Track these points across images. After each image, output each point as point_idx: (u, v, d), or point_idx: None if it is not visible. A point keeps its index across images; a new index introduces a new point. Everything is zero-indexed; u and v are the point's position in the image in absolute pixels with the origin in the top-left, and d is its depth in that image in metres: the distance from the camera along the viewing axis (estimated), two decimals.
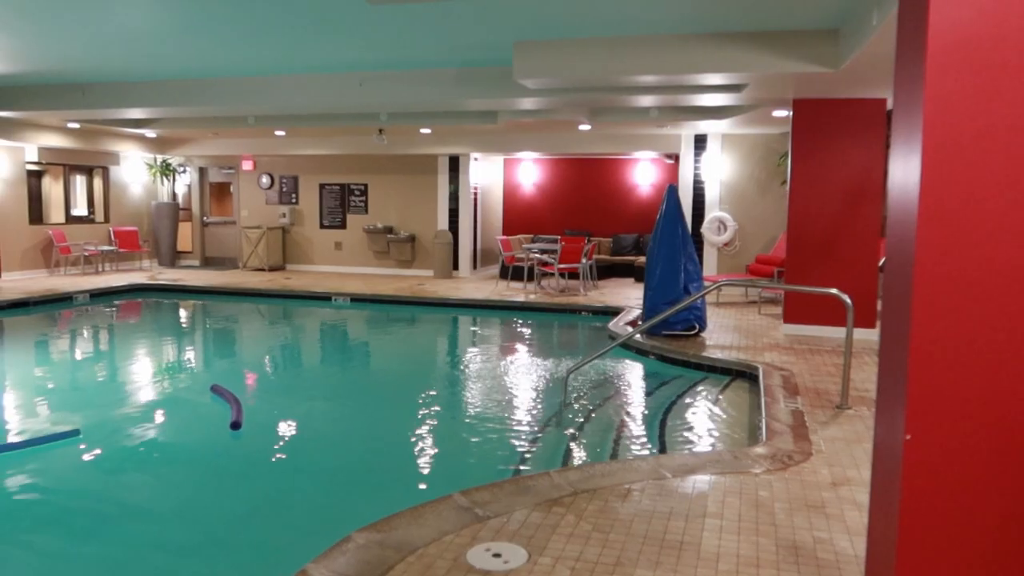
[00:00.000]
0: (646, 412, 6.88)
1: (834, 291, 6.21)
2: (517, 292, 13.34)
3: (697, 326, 9.04)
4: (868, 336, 8.68)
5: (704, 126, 13.08)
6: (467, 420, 6.49)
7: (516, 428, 6.30)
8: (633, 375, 8.28)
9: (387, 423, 6.53)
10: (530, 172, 17.77)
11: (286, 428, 6.44)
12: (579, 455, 5.66)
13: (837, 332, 8.81)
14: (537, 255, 13.69)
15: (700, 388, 7.40)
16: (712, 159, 13.84)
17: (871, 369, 7.33)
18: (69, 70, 10.19)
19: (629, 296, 12.82)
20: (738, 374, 7.52)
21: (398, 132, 14.65)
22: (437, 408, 7.08)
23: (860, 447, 5.01)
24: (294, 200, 17.26)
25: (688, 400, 7.06)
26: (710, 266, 13.51)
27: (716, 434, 6.10)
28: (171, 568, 3.94)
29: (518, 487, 4.09)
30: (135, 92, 11.06)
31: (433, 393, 7.75)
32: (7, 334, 10.91)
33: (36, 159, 14.94)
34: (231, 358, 9.86)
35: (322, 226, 17.08)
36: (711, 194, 13.94)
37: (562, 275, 13.61)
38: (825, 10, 6.55)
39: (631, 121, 12.15)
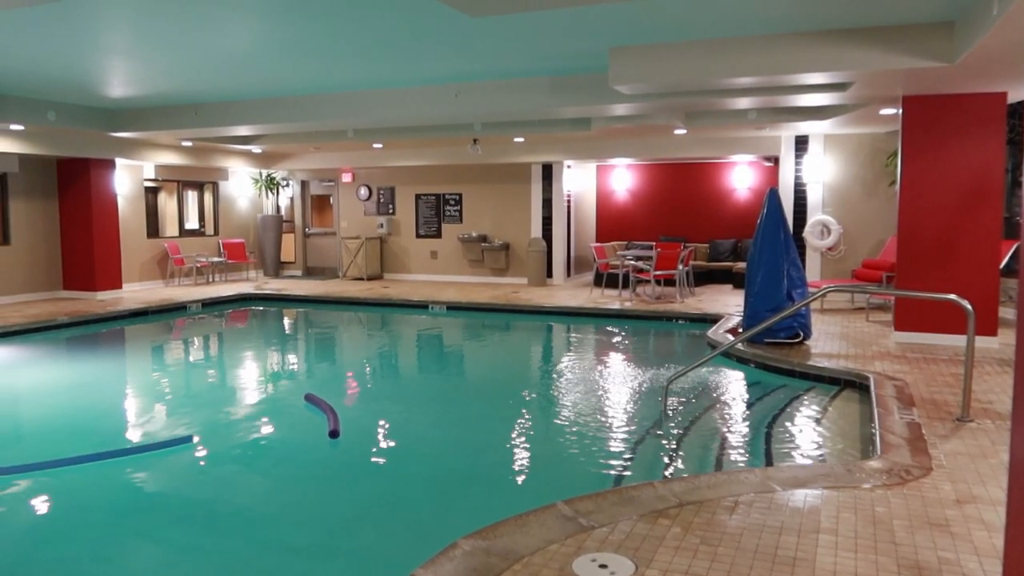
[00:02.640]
0: (749, 422, 6.69)
1: (953, 297, 5.89)
2: (612, 299, 13.23)
3: (802, 334, 8.76)
4: (988, 344, 8.21)
5: (805, 127, 12.68)
6: (564, 428, 6.46)
7: (614, 437, 6.23)
8: (734, 384, 8.08)
9: (484, 431, 6.56)
10: (623, 178, 17.63)
11: (385, 435, 6.56)
12: (681, 466, 5.55)
13: (951, 340, 8.37)
14: (632, 262, 13.55)
15: (806, 398, 7.15)
16: (814, 161, 13.41)
17: (993, 379, 6.92)
18: (183, 92, 10.73)
19: (727, 303, 12.54)
20: (847, 384, 7.24)
21: (492, 142, 14.79)
22: (534, 416, 7.07)
23: (986, 462, 4.73)
24: (391, 211, 17.65)
25: (794, 410, 6.83)
26: (813, 271, 13.06)
27: (825, 446, 5.87)
28: (283, 567, 4.07)
29: (621, 497, 4.03)
30: (243, 110, 11.55)
31: (529, 401, 7.76)
32: (128, 342, 11.55)
33: (153, 176, 15.79)
34: (332, 365, 10.13)
35: (418, 235, 17.40)
36: (813, 197, 13.49)
37: (658, 282, 13.43)
38: (938, 2, 6.24)
39: (728, 124, 11.90)
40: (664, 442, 6.10)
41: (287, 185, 18.71)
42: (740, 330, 9.57)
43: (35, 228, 13.93)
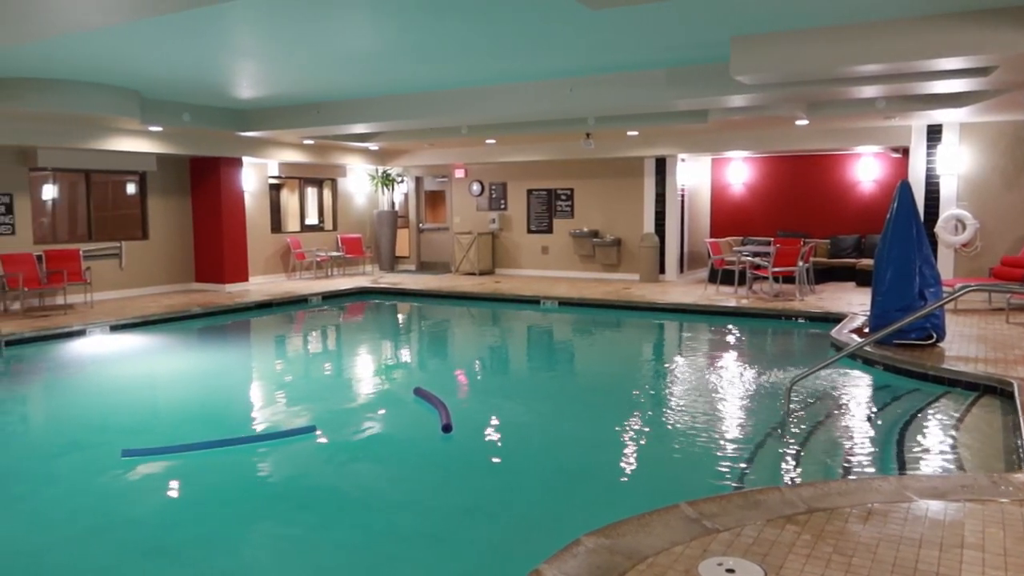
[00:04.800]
0: (879, 428, 6.36)
1: None
2: (727, 297, 12.89)
3: (935, 335, 8.27)
4: None
5: (938, 115, 11.97)
6: (681, 427, 6.33)
7: (733, 438, 6.06)
8: (861, 387, 7.71)
9: (598, 428, 6.50)
10: (740, 171, 17.14)
11: (497, 430, 6.59)
12: (806, 470, 5.33)
13: None
14: (749, 258, 13.16)
15: (940, 404, 6.74)
16: (948, 151, 12.64)
17: None
18: (306, 92, 11.14)
19: (851, 301, 12.00)
20: (987, 390, 6.78)
21: (604, 136, 14.67)
22: (648, 414, 6.96)
23: None
24: (503, 206, 17.78)
25: (927, 417, 6.46)
26: (946, 269, 12.32)
27: (964, 457, 5.51)
28: (402, 555, 4.15)
29: (747, 501, 3.91)
30: (362, 108, 11.89)
31: (643, 398, 7.64)
32: (254, 332, 12.10)
33: (277, 174, 16.48)
34: (443, 360, 10.28)
35: (529, 231, 17.47)
36: (947, 190, 12.73)
37: (776, 279, 12.99)
38: None
39: (853, 114, 11.38)
40: (787, 445, 5.88)
41: (402, 181, 19.14)
42: (866, 330, 9.12)
43: (170, 224, 14.78)
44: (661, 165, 15.84)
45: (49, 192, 13.32)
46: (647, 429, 6.47)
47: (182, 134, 13.29)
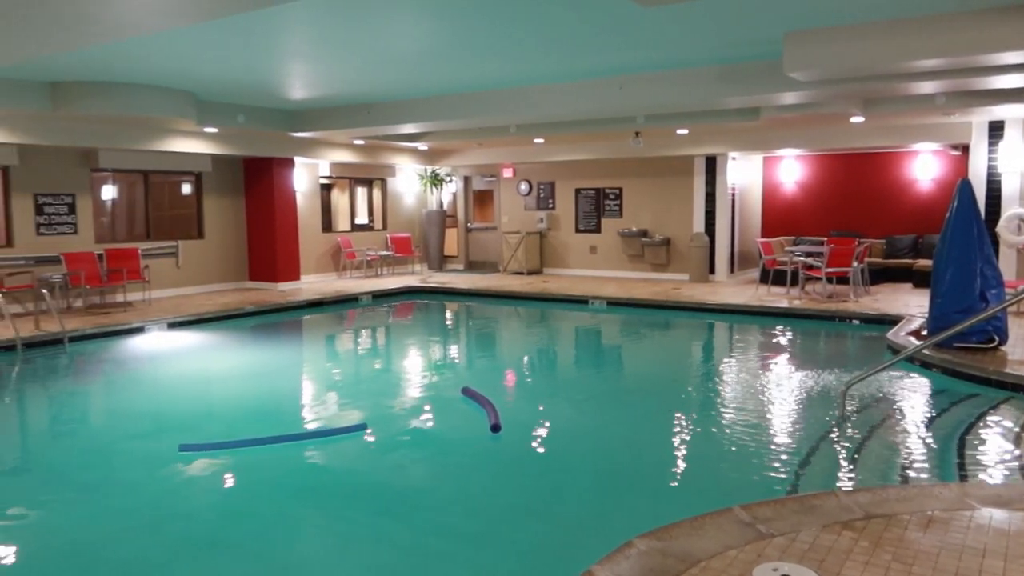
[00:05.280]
0: (938, 433, 6.19)
1: None
2: (779, 297, 12.68)
3: (997, 338, 8.02)
4: None
5: (1001, 111, 11.62)
6: (731, 430, 6.24)
7: (785, 441, 5.96)
8: (919, 391, 7.51)
9: (647, 429, 6.45)
10: (792, 170, 16.84)
11: (545, 430, 6.58)
12: (863, 476, 5.21)
13: None
14: (801, 258, 12.92)
15: (1002, 409, 6.54)
16: (1011, 148, 12.25)
17: None
18: (357, 92, 11.27)
19: (908, 303, 11.70)
20: None
21: (654, 134, 14.55)
22: (698, 416, 6.88)
23: None
24: (551, 205, 17.76)
25: (989, 422, 6.26)
26: (1007, 270, 11.93)
27: None
28: (453, 552, 4.16)
29: (802, 505, 3.84)
30: (412, 108, 11.99)
31: (693, 400, 7.56)
32: (306, 331, 12.29)
33: (328, 174, 16.70)
34: (491, 359, 10.31)
35: (578, 230, 17.41)
36: (1009, 188, 12.34)
37: (829, 280, 12.73)
38: None
39: (911, 110, 11.09)
40: (842, 449, 5.76)
41: (450, 181, 19.24)
42: (925, 333, 8.89)
43: (225, 224, 15.09)
44: (711, 164, 15.65)
45: (109, 192, 13.70)
46: (697, 431, 6.40)
47: (236, 135, 13.55)
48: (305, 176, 16.11)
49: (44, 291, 10.35)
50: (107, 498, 5.04)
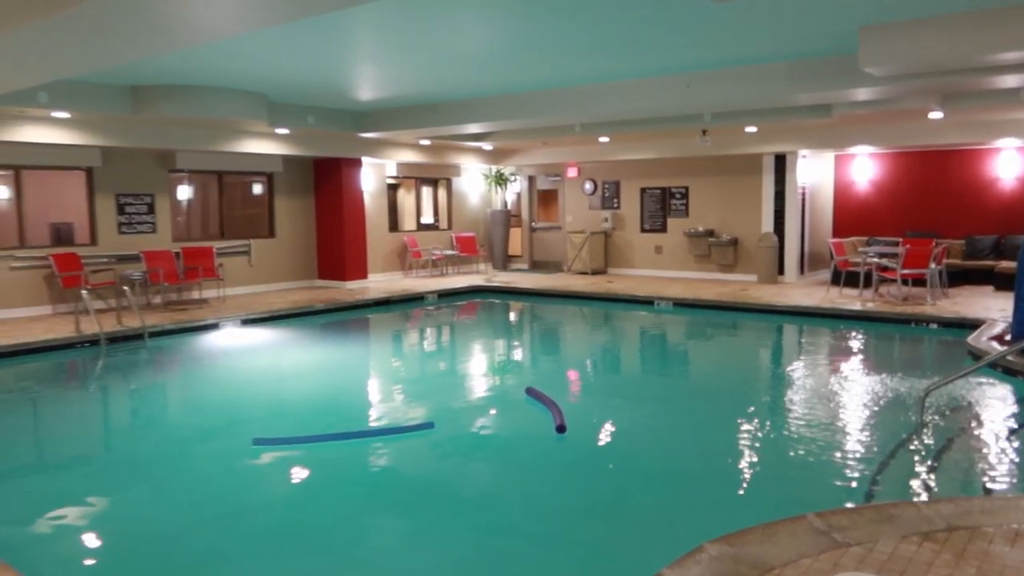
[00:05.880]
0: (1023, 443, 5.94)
1: None
2: (851, 299, 12.34)
3: None
4: None
5: None
6: (801, 435, 6.09)
7: (860, 448, 5.79)
8: (1002, 398, 7.22)
9: (715, 432, 6.35)
10: (865, 168, 16.36)
11: (611, 432, 6.53)
12: (943, 486, 5.03)
13: None
14: (875, 259, 12.55)
15: None
16: None
17: None
18: (423, 93, 11.39)
19: (989, 306, 11.25)
20: None
21: (721, 132, 14.32)
22: (768, 420, 6.74)
23: None
24: (616, 205, 17.64)
25: None
26: None
27: None
28: (519, 552, 4.17)
29: (880, 515, 3.72)
30: (477, 108, 12.05)
31: (762, 404, 7.42)
32: (373, 329, 12.47)
33: (394, 174, 16.92)
34: (556, 360, 10.28)
35: (643, 230, 17.25)
36: None
37: (905, 281, 12.33)
38: None
39: (993, 105, 10.67)
40: (921, 458, 5.57)
41: (515, 180, 19.28)
42: (1008, 338, 8.53)
43: (295, 223, 15.42)
44: (781, 162, 15.31)
45: (184, 192, 14.15)
46: (767, 436, 6.26)
47: (306, 136, 13.83)
48: (372, 176, 16.35)
49: (125, 288, 10.74)
50: (184, 489, 5.20)
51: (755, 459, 5.73)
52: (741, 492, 5.08)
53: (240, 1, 5.10)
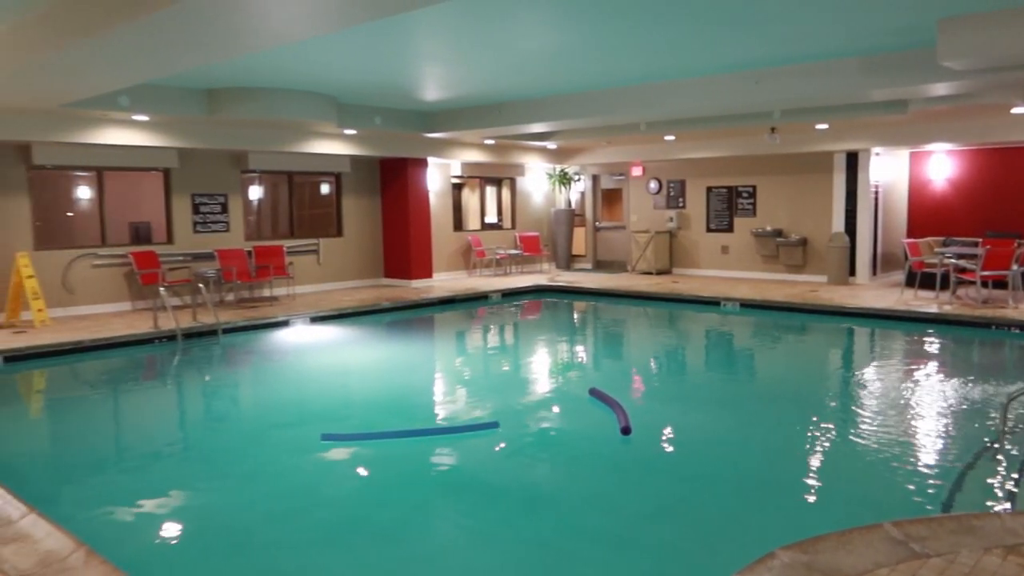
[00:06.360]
0: None
1: None
2: (927, 302, 11.93)
3: None
4: None
5: None
6: (876, 442, 5.92)
7: (936, 456, 5.60)
8: None
9: (784, 436, 6.22)
10: (943, 165, 15.80)
11: (676, 434, 6.46)
12: None
13: None
14: (953, 260, 12.11)
15: None
16: None
17: None
18: (489, 92, 11.44)
19: None
20: None
21: (791, 130, 14.02)
22: (839, 425, 6.56)
23: None
24: (681, 204, 17.43)
25: None
26: None
27: None
28: (585, 554, 4.16)
29: (960, 525, 3.59)
30: (542, 107, 12.05)
31: (833, 409, 7.23)
32: (438, 327, 12.60)
33: (459, 173, 17.04)
34: (619, 360, 10.22)
35: (709, 230, 17.01)
36: None
37: (984, 283, 11.87)
38: None
39: None
40: (1003, 467, 5.36)
41: (579, 179, 19.22)
42: None
43: (362, 222, 15.68)
44: (852, 160, 14.91)
45: (256, 192, 14.53)
46: (838, 441, 6.11)
47: (373, 136, 14.04)
48: (438, 176, 16.51)
49: (200, 285, 11.09)
50: (255, 482, 5.34)
51: (826, 465, 5.59)
52: (812, 498, 4.97)
53: (313, 4, 5.22)
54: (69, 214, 12.75)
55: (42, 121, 10.51)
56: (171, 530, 4.65)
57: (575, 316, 13.74)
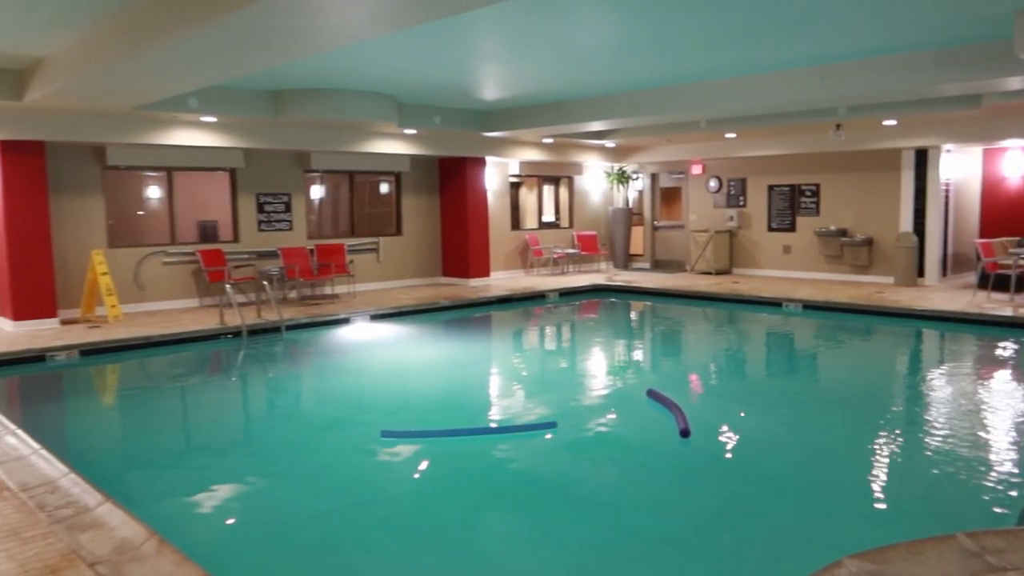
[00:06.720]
0: None
1: None
2: (1001, 305, 11.51)
3: None
4: None
5: None
6: (947, 449, 5.74)
7: (1012, 466, 5.40)
8: None
9: (848, 441, 6.08)
10: (1018, 163, 15.21)
11: (736, 438, 6.35)
12: None
13: None
14: None
15: None
16: None
17: None
18: (547, 91, 11.43)
19: None
20: None
21: (856, 126, 13.67)
22: (906, 432, 6.38)
23: None
24: (741, 203, 17.15)
25: None
26: None
27: None
28: (644, 556, 4.13)
29: None
30: (601, 105, 12.00)
31: (900, 414, 7.04)
32: (495, 326, 12.65)
33: (517, 172, 17.08)
34: (677, 362, 10.10)
35: (770, 229, 16.69)
36: None
37: None
38: None
39: None
40: None
41: (637, 178, 19.07)
42: None
43: (420, 221, 15.83)
44: (922, 157, 14.45)
45: (317, 192, 14.79)
46: (906, 448, 5.94)
47: (432, 136, 14.16)
48: (496, 175, 16.56)
49: (264, 283, 11.34)
50: (317, 476, 5.45)
51: (894, 472, 5.45)
52: (879, 506, 4.84)
53: (375, 4, 5.29)
54: (140, 213, 13.16)
55: (116, 123, 10.88)
56: (236, 521, 4.77)
57: (633, 316, 13.64)
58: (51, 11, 6.62)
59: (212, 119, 11.12)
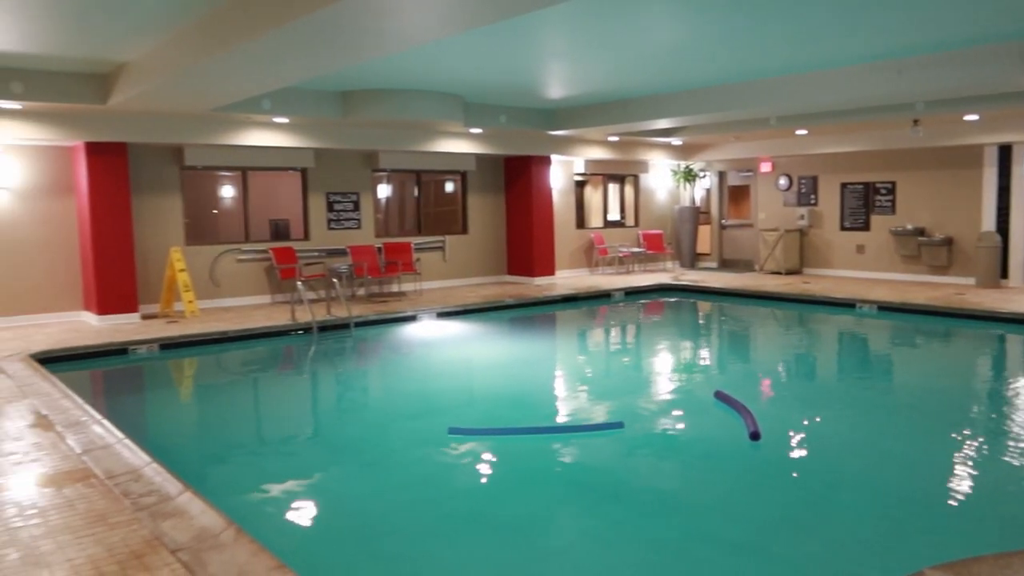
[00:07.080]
0: None
1: None
2: None
3: None
4: None
5: None
6: None
7: None
8: None
9: (925, 447, 5.89)
10: None
11: (810, 441, 6.22)
12: None
13: None
14: None
15: None
16: None
17: None
18: (613, 89, 11.37)
19: None
20: None
21: (935, 122, 13.21)
22: (987, 439, 6.13)
23: None
24: (813, 201, 16.74)
25: None
26: None
27: None
28: (713, 559, 4.07)
29: None
30: (668, 103, 11.87)
31: (981, 421, 6.77)
32: (560, 324, 12.64)
33: (582, 171, 17.02)
34: (746, 363, 9.90)
35: (843, 228, 16.25)
36: None
37: None
38: None
39: None
40: None
41: (704, 176, 18.81)
42: None
43: (486, 220, 15.91)
44: (1006, 153, 13.87)
45: (385, 191, 15.01)
46: (989, 456, 5.72)
47: (498, 135, 14.22)
48: (561, 174, 16.54)
49: (334, 280, 11.57)
50: (386, 472, 5.54)
51: (977, 481, 5.25)
52: (961, 516, 4.67)
53: (445, 6, 5.34)
54: (215, 212, 13.57)
55: (194, 124, 11.25)
56: (308, 513, 4.88)
57: (700, 316, 13.46)
58: (134, 19, 6.88)
59: (284, 120, 11.39)
